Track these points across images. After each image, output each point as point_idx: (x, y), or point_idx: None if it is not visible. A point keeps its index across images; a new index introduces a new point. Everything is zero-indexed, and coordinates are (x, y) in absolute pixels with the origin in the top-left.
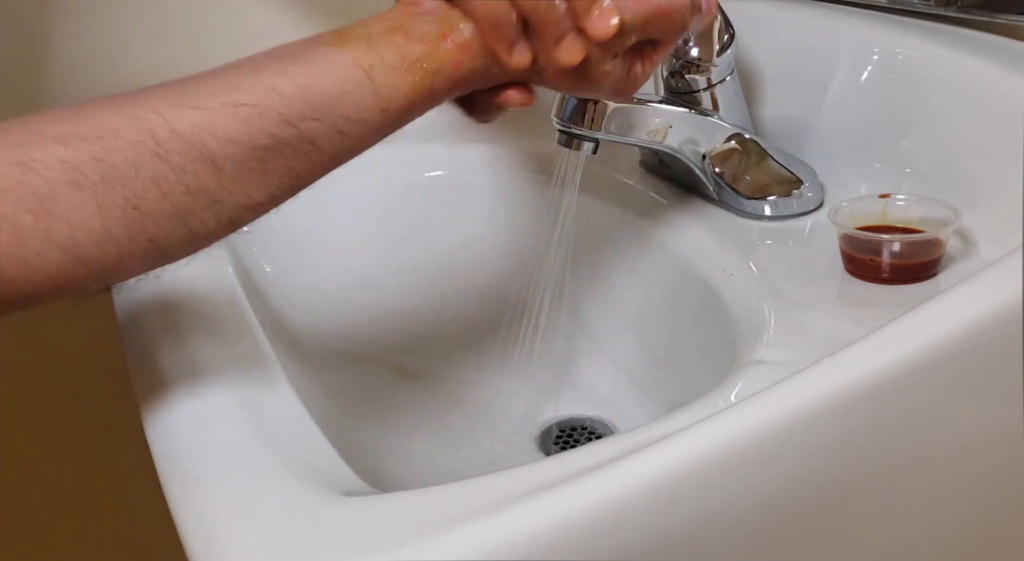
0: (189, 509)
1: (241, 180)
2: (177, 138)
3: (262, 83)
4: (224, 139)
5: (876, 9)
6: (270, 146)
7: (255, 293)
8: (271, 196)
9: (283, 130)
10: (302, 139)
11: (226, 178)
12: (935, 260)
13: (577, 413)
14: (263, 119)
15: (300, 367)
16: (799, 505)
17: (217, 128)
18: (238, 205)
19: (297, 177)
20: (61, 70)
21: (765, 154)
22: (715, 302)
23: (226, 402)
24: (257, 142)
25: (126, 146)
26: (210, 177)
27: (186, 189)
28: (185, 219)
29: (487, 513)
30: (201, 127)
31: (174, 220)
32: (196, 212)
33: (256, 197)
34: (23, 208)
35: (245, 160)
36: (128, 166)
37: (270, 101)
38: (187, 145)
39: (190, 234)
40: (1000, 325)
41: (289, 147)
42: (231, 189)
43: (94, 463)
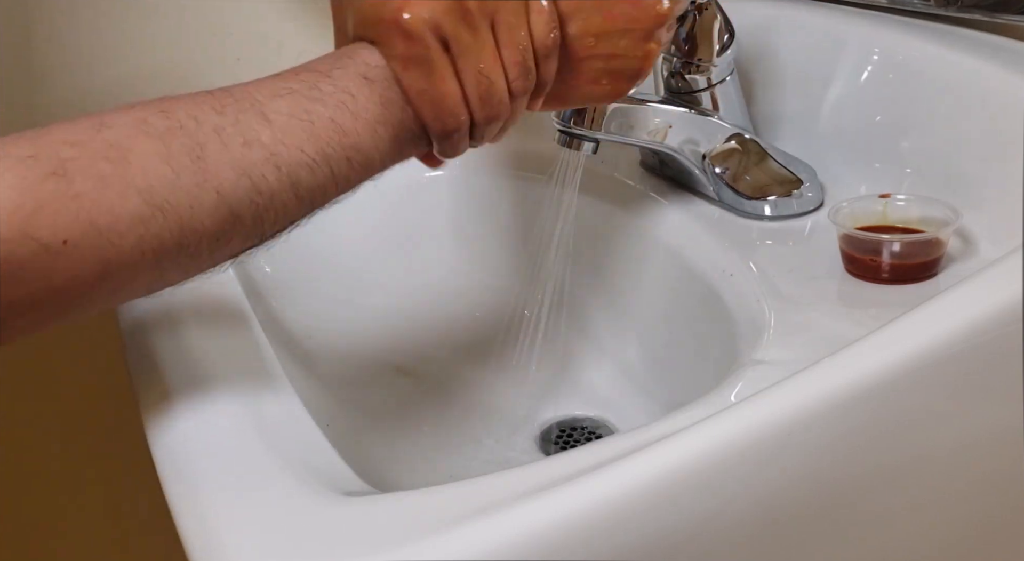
0: (189, 509)
1: (291, 132)
2: (229, 96)
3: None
4: (269, 93)
5: (876, 9)
6: (309, 96)
7: (255, 293)
8: (323, 154)
9: (318, 80)
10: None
11: (277, 129)
12: (935, 260)
13: (577, 413)
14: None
15: (300, 367)
16: (799, 505)
17: (263, 85)
18: (293, 161)
19: (343, 131)
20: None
21: (765, 154)
22: (715, 302)
23: (226, 402)
24: (298, 92)
25: (187, 103)
26: (263, 128)
27: (243, 139)
28: (247, 170)
29: (487, 513)
30: (249, 86)
31: (236, 170)
32: (256, 165)
33: (308, 153)
34: (102, 157)
35: (291, 110)
36: (189, 118)
37: (304, 65)
38: (236, 99)
39: (253, 189)
40: (1000, 325)
41: (327, 96)
42: (284, 141)
43: (94, 463)
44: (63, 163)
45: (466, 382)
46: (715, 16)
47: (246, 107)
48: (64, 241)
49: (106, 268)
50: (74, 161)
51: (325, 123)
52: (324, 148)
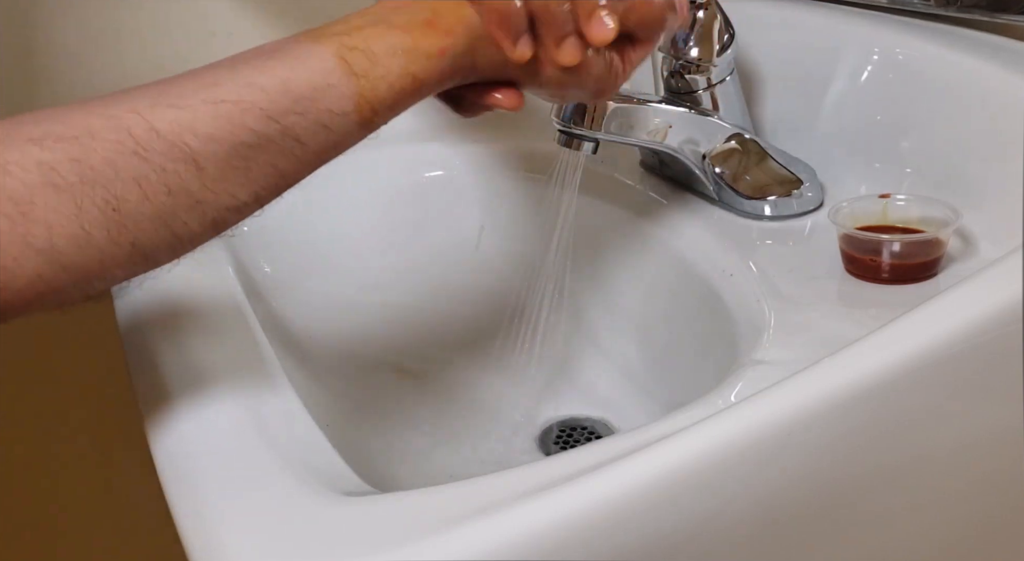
0: (189, 509)
1: (224, 180)
2: (156, 137)
3: (242, 79)
4: (206, 137)
5: (876, 9)
6: (253, 143)
7: (255, 293)
8: (255, 196)
9: (266, 126)
10: (285, 135)
11: (208, 178)
12: (935, 260)
13: (577, 413)
14: (245, 115)
15: (300, 368)
16: (799, 505)
17: (198, 126)
18: (221, 206)
19: (281, 175)
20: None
21: (765, 154)
22: (715, 302)
23: (226, 402)
24: (239, 139)
25: (104, 146)
26: (192, 177)
27: (167, 190)
28: (168, 221)
29: (487, 513)
30: (182, 125)
31: (156, 222)
32: (179, 214)
33: (240, 197)
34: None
35: (228, 158)
36: (107, 166)
37: (251, 97)
38: (167, 144)
39: (173, 237)
40: (1000, 325)
41: (272, 144)
42: (214, 189)
43: (94, 462)
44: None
45: (466, 382)
46: (715, 16)
47: (173, 154)
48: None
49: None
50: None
51: (264, 168)
52: (259, 192)
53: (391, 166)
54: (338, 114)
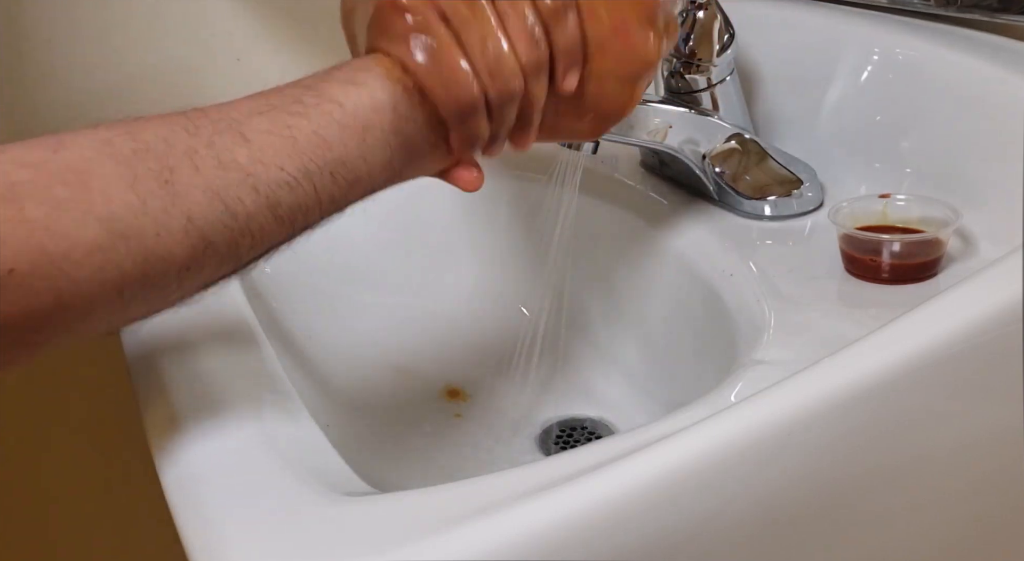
0: (189, 509)
1: (271, 150)
2: (205, 115)
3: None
4: (248, 111)
5: (876, 9)
6: (292, 111)
7: (255, 293)
8: (305, 171)
9: (301, 93)
10: (320, 97)
11: (255, 148)
12: (935, 260)
13: (577, 413)
14: (282, 90)
15: (300, 368)
16: (799, 505)
17: (242, 103)
18: (272, 181)
19: (328, 145)
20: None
21: (765, 154)
22: (715, 302)
23: (226, 403)
24: (279, 107)
25: (157, 125)
26: (240, 148)
27: (217, 162)
28: (220, 194)
29: (487, 513)
30: (228, 106)
31: (208, 194)
32: (231, 187)
33: (289, 170)
34: (59, 181)
35: (272, 127)
36: (159, 140)
37: (290, 90)
38: (214, 119)
39: (228, 214)
40: (1000, 325)
41: (311, 108)
42: (262, 161)
43: (94, 462)
44: (13, 187)
45: (466, 382)
46: (715, 16)
47: (223, 128)
48: (10, 270)
49: (59, 299)
50: (26, 184)
51: (308, 136)
52: (306, 164)
53: None
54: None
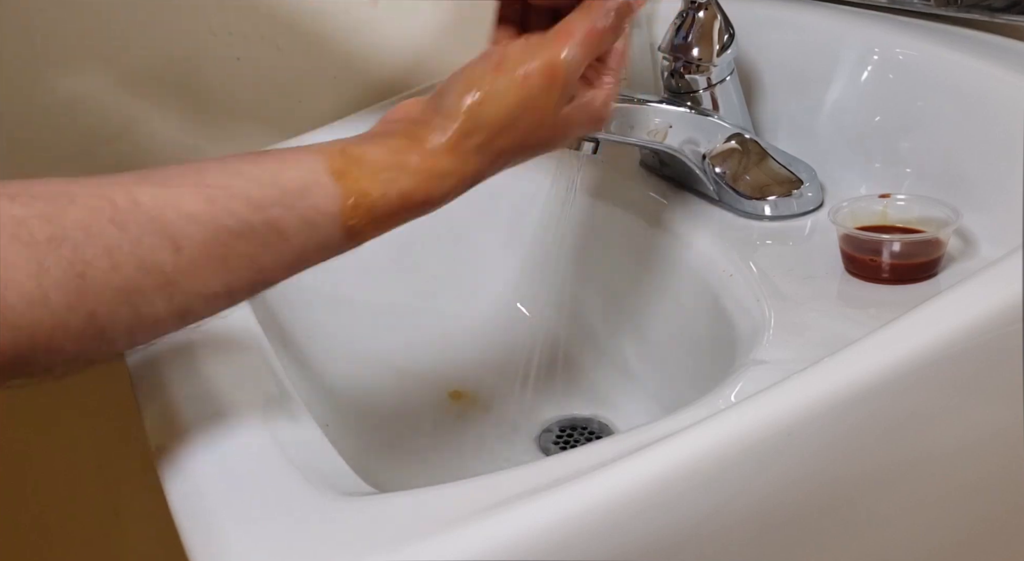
0: (190, 509)
1: (199, 265)
2: (137, 208)
3: (231, 168)
4: (187, 215)
5: (876, 9)
6: (235, 230)
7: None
8: (228, 289)
9: (251, 214)
10: (269, 226)
11: (184, 259)
12: (935, 260)
13: (577, 413)
14: (231, 200)
15: (300, 367)
16: (799, 505)
17: (182, 203)
18: (192, 292)
19: (259, 270)
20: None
21: (765, 154)
22: (715, 302)
23: (226, 403)
24: (222, 223)
25: (81, 211)
26: (167, 255)
27: (139, 263)
28: (133, 298)
29: (487, 513)
30: (165, 201)
31: (120, 297)
32: (146, 292)
33: (212, 287)
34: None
35: (207, 243)
36: (79, 230)
37: (239, 184)
38: (147, 217)
39: (135, 316)
40: (1000, 325)
41: (255, 234)
42: (188, 272)
43: (94, 462)
44: None
45: (466, 381)
46: (715, 16)
47: (155, 229)
48: None
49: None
50: None
51: (242, 260)
52: (231, 284)
53: None
54: (323, 213)
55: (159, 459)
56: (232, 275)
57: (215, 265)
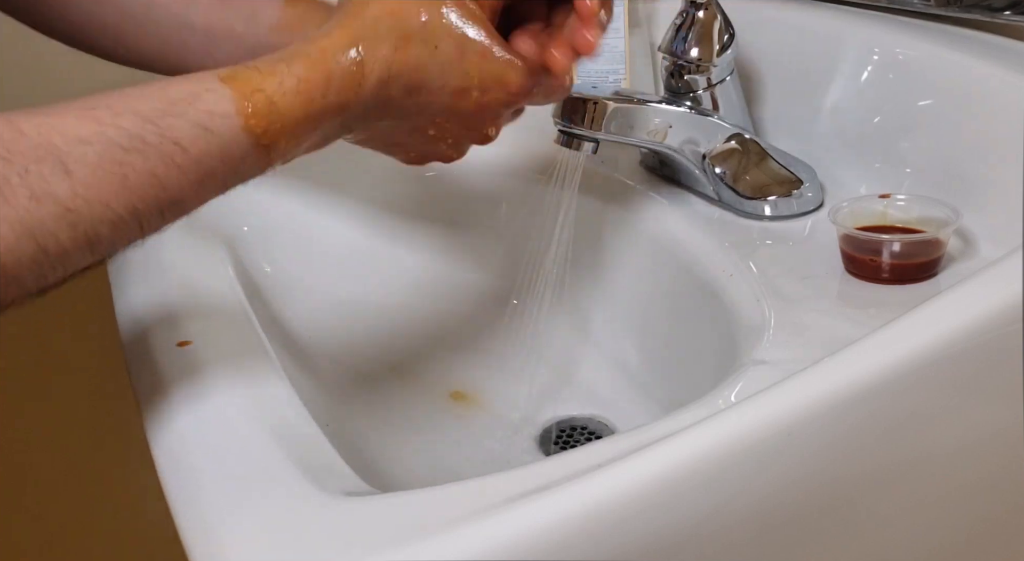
0: (190, 509)
1: (96, 187)
2: (21, 138)
3: (115, 93)
4: (75, 138)
5: (876, 9)
6: (127, 146)
7: (255, 293)
8: (133, 210)
9: (141, 128)
10: (163, 138)
11: (79, 183)
12: (935, 260)
13: (577, 413)
14: (117, 117)
15: (300, 367)
16: (799, 505)
17: (67, 127)
18: (94, 218)
19: (162, 187)
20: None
21: (765, 154)
22: (715, 302)
23: (226, 402)
24: (111, 139)
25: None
26: (59, 181)
27: (31, 193)
28: (32, 230)
29: (487, 513)
30: (49, 127)
31: (18, 230)
32: (45, 222)
33: (115, 208)
34: None
35: (100, 162)
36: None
37: (124, 102)
38: (31, 144)
39: (39, 250)
40: (1000, 325)
41: (150, 148)
42: (85, 197)
43: (94, 462)
44: None
45: (466, 382)
46: (715, 16)
47: (41, 154)
48: None
49: None
50: None
51: (141, 175)
52: (135, 203)
53: (390, 166)
54: (218, 115)
55: (158, 458)
56: (135, 195)
57: (114, 186)
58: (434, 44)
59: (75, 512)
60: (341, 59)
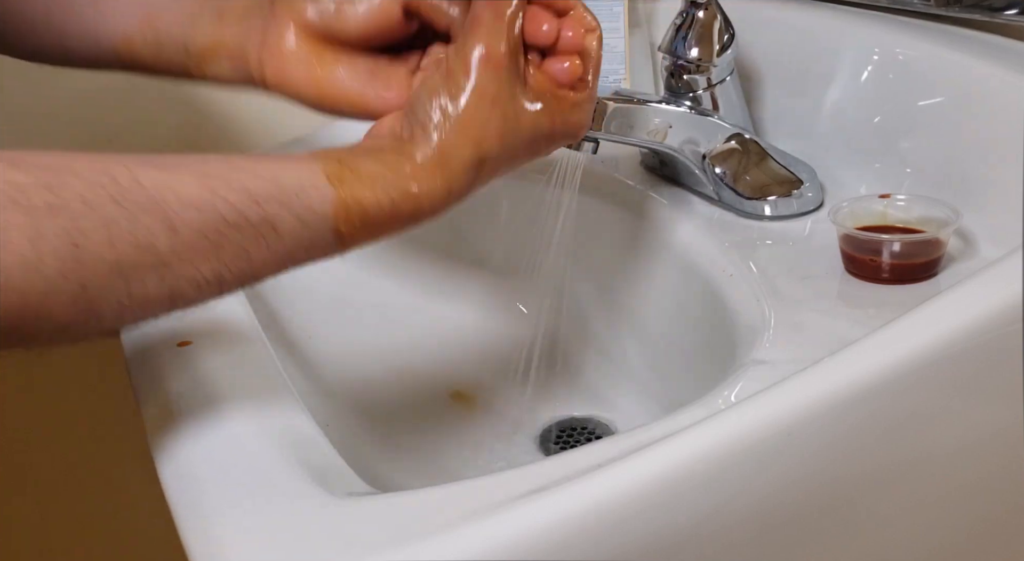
0: (190, 509)
1: (193, 250)
2: (139, 188)
3: (233, 163)
4: (186, 200)
5: (876, 9)
6: (231, 220)
7: (255, 293)
8: (218, 276)
9: (247, 207)
10: (264, 220)
11: (178, 242)
12: (935, 260)
13: (577, 413)
14: (230, 191)
15: (300, 368)
16: (799, 505)
17: (182, 188)
18: (183, 276)
19: (249, 262)
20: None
21: (765, 154)
22: (715, 302)
23: (226, 403)
24: (219, 212)
25: (83, 184)
26: (163, 237)
27: (134, 241)
28: (126, 274)
29: (487, 513)
30: (165, 185)
31: (113, 271)
32: (139, 270)
33: (204, 272)
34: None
35: (203, 229)
36: (79, 202)
37: (239, 177)
38: (147, 197)
39: (126, 292)
40: (1000, 325)
41: (250, 227)
42: (181, 256)
43: (95, 462)
44: None
45: (466, 382)
46: (715, 16)
47: (151, 207)
48: None
49: None
50: None
51: (234, 248)
52: (222, 272)
53: None
54: (317, 214)
55: (158, 459)
56: (223, 264)
57: (208, 252)
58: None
59: (75, 512)
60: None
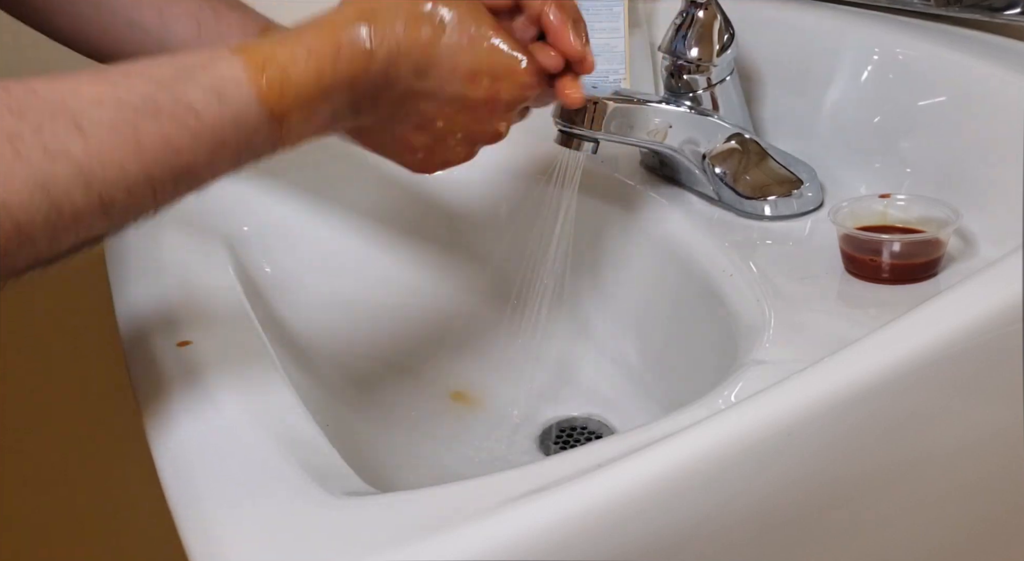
0: (190, 509)
1: (111, 148)
2: (34, 96)
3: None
4: (89, 98)
5: (876, 9)
6: (140, 107)
7: (255, 293)
8: (147, 175)
9: (154, 90)
10: (176, 102)
11: (93, 143)
12: (935, 260)
13: (577, 413)
14: (131, 79)
15: (300, 367)
16: (799, 505)
17: (81, 89)
18: (110, 180)
19: (176, 152)
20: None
21: (765, 154)
22: (715, 302)
23: (227, 403)
24: (125, 101)
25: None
26: (73, 140)
27: (44, 150)
28: (46, 186)
29: (487, 513)
30: (63, 87)
31: (31, 185)
32: (60, 180)
33: (130, 172)
34: None
35: (114, 124)
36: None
37: (138, 69)
38: (45, 102)
39: (53, 209)
40: (1000, 325)
41: (163, 111)
42: (100, 158)
43: (94, 462)
44: None
45: (466, 382)
46: (715, 16)
47: (55, 112)
48: None
49: None
50: None
51: (156, 141)
52: (150, 168)
53: (391, 165)
54: (232, 81)
55: (158, 459)
56: (148, 159)
57: (128, 149)
58: (443, 29)
59: (75, 512)
60: (351, 32)
